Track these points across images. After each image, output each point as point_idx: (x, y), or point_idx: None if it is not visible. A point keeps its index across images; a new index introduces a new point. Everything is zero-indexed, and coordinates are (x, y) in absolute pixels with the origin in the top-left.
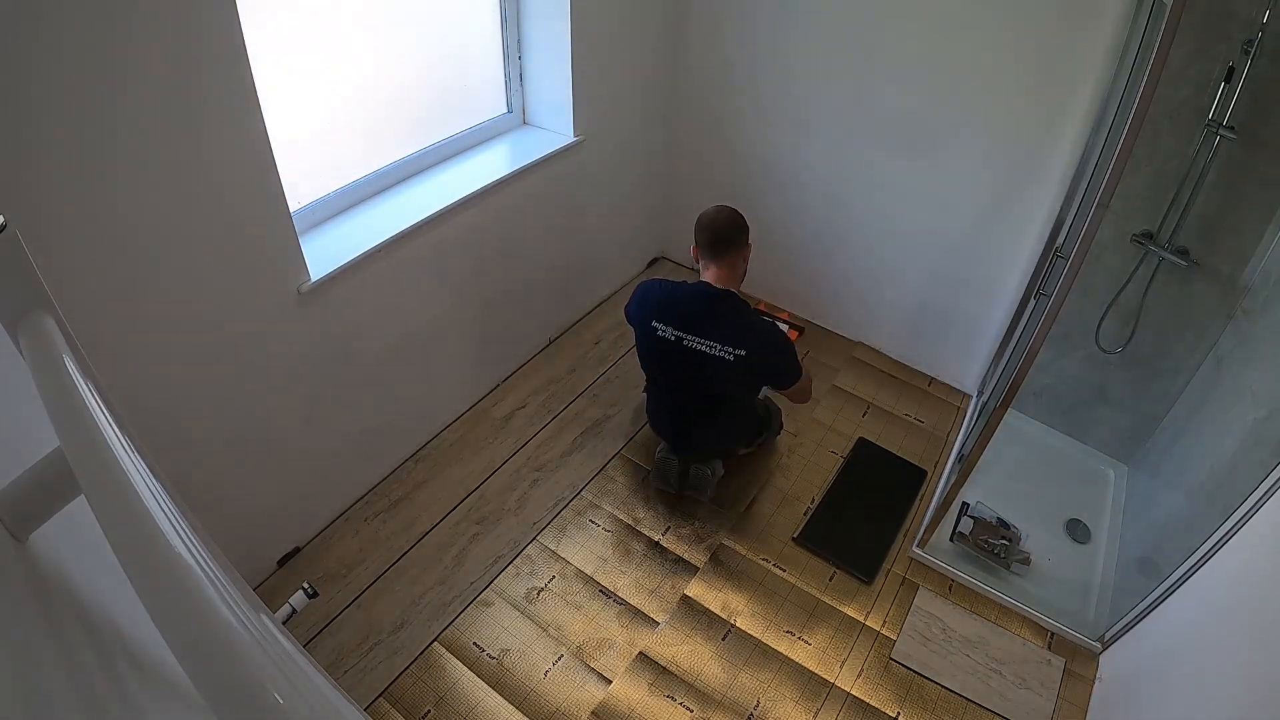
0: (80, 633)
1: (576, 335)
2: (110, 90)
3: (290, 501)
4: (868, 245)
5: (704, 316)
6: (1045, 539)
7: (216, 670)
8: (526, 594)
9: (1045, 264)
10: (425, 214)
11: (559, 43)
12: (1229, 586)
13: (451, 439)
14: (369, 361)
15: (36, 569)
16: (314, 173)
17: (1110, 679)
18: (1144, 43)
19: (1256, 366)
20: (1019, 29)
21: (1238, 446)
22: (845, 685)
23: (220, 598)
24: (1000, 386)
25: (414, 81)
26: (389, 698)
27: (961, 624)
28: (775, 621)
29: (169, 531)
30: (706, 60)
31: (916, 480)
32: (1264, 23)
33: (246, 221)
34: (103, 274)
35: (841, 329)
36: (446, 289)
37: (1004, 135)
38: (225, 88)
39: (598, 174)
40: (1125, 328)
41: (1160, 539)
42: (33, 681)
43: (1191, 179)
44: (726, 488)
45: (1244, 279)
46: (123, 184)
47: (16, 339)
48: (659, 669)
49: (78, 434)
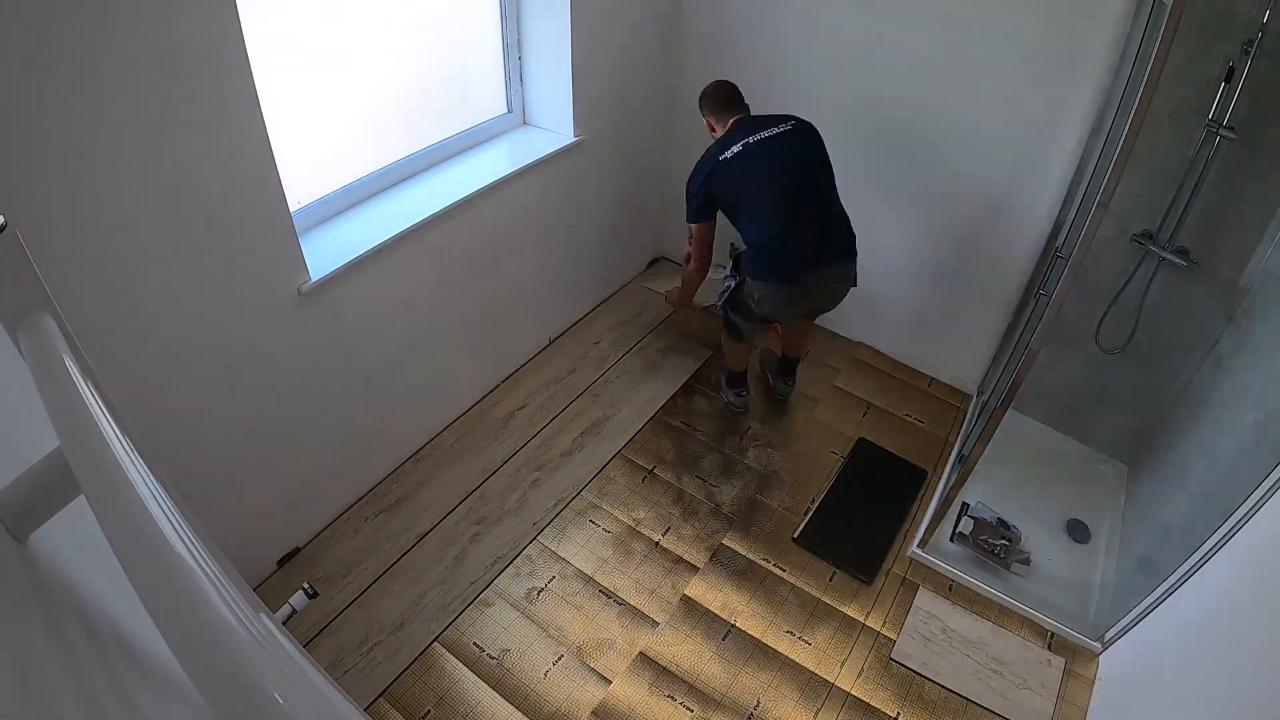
0: (80, 633)
1: (576, 335)
2: (110, 90)
3: (290, 501)
4: (868, 245)
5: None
6: (1045, 539)
7: (216, 670)
8: (527, 594)
9: (1045, 264)
10: (425, 214)
11: (559, 43)
12: (1229, 586)
13: (451, 439)
14: (369, 361)
15: (36, 569)
16: (314, 173)
17: (1110, 679)
18: (1144, 43)
19: (1256, 366)
20: (1019, 29)
21: (1238, 446)
22: (845, 685)
23: (220, 598)
24: (1000, 386)
25: (414, 81)
26: (389, 698)
27: (962, 624)
28: (775, 622)
29: (169, 531)
30: (706, 60)
31: (916, 480)
32: (1264, 23)
33: (246, 221)
34: (102, 274)
35: (842, 329)
36: (446, 289)
37: (1004, 135)
38: (225, 87)
39: (598, 174)
40: (1125, 328)
41: (1160, 539)
42: (33, 681)
43: (1191, 179)
44: (728, 481)
45: (1244, 279)
46: (122, 184)
47: (16, 339)
48: (659, 669)
49: (78, 434)
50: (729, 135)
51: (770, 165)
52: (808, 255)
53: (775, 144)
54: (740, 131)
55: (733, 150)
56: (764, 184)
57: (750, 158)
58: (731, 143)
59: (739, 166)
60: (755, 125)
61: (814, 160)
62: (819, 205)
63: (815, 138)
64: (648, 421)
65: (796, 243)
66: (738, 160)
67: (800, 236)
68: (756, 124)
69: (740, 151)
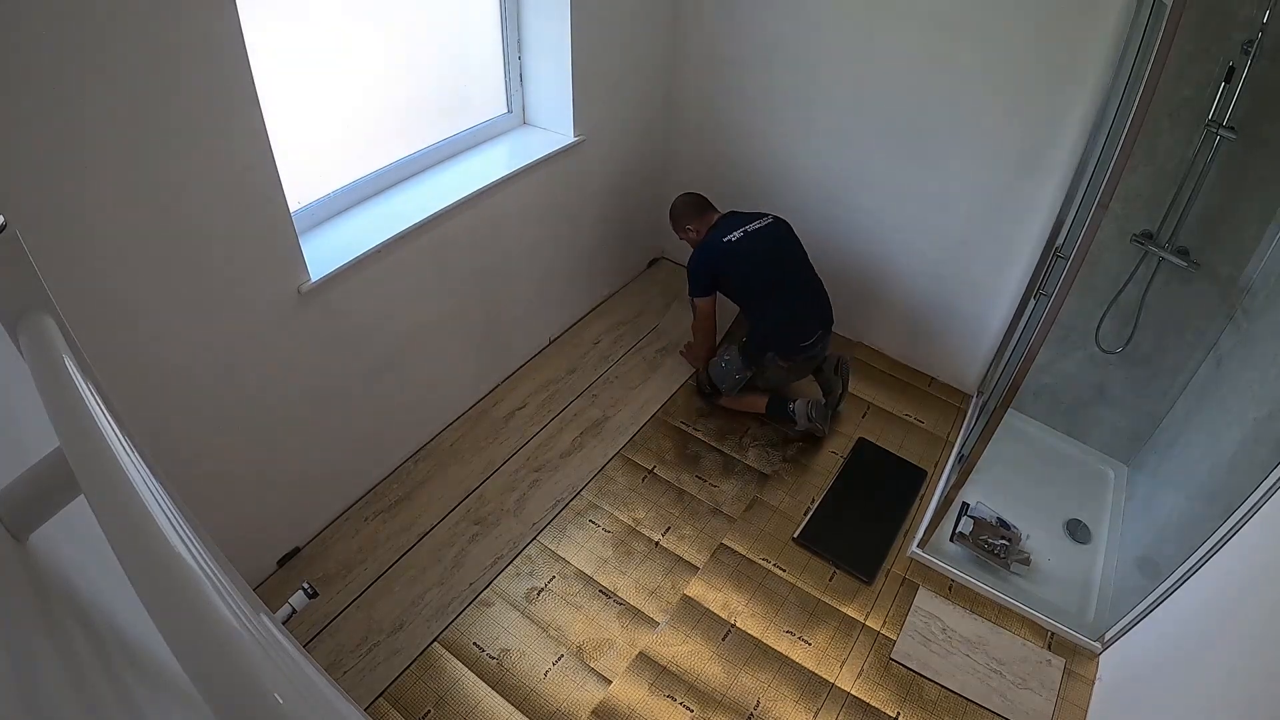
0: (80, 633)
1: (576, 335)
2: (110, 90)
3: (290, 501)
4: (868, 245)
5: (742, 217)
6: (1045, 539)
7: (216, 670)
8: (526, 594)
9: (1045, 264)
10: (425, 214)
11: (559, 43)
12: (1229, 586)
13: (451, 439)
14: (369, 361)
15: (36, 569)
16: (314, 173)
17: (1110, 679)
18: (1144, 43)
19: (1256, 366)
20: (1019, 29)
21: (1237, 446)
22: (845, 685)
23: (220, 598)
24: (1000, 386)
25: (414, 81)
26: (389, 698)
27: (961, 624)
28: (775, 621)
29: (169, 531)
30: (707, 60)
31: (916, 480)
32: (1264, 23)
33: (246, 221)
34: (102, 274)
35: (842, 329)
36: (446, 289)
37: (1004, 135)
38: (226, 87)
39: (598, 174)
40: (1125, 328)
41: (1160, 539)
42: (33, 681)
43: (1191, 179)
44: (728, 481)
45: (1244, 279)
46: (123, 184)
47: (16, 339)
48: (659, 669)
49: (78, 434)
50: (720, 226)
51: (770, 250)
52: (812, 329)
53: (767, 233)
54: (730, 223)
55: (734, 236)
56: (769, 266)
57: (752, 242)
58: (729, 230)
59: (744, 250)
60: (742, 219)
61: (799, 246)
62: (813, 283)
63: (791, 229)
64: (647, 421)
65: (804, 319)
66: (742, 244)
67: (806, 312)
68: (742, 218)
69: (742, 237)
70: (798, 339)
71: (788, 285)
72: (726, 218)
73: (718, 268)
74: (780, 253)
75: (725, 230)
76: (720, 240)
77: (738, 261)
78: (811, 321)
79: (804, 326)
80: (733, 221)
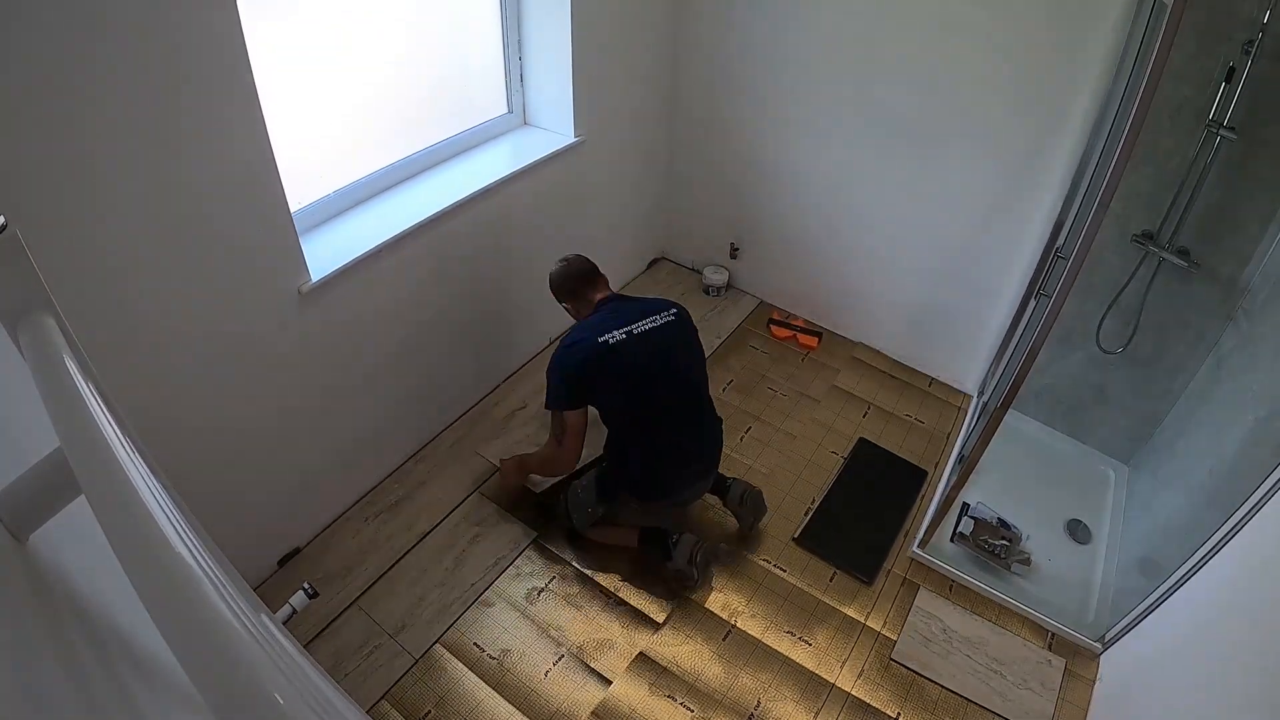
0: (80, 633)
1: None
2: (110, 90)
3: (290, 501)
4: (869, 245)
5: (632, 307)
6: (1045, 539)
7: (216, 670)
8: (527, 594)
9: (1045, 264)
10: (425, 214)
11: (559, 43)
12: (1229, 586)
13: (451, 439)
14: (369, 361)
15: (36, 569)
16: (314, 173)
17: (1110, 679)
18: (1144, 43)
19: (1257, 366)
20: (1020, 29)
21: (1238, 446)
22: (845, 686)
23: (220, 598)
24: (1000, 387)
25: (414, 82)
26: (390, 699)
27: (962, 624)
28: (776, 622)
29: (169, 531)
30: (707, 60)
31: (917, 480)
32: (1264, 23)
33: (247, 222)
34: (102, 274)
35: (842, 329)
36: (447, 289)
37: (1004, 135)
38: (226, 88)
39: (598, 174)
40: (1125, 328)
41: (1160, 539)
42: (33, 681)
43: (1192, 179)
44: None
45: (1244, 279)
46: (123, 184)
47: (16, 339)
48: (659, 669)
49: (78, 434)
50: (601, 316)
51: (651, 367)
52: (687, 480)
53: (657, 338)
54: (615, 316)
55: (615, 337)
56: (645, 388)
57: (634, 350)
58: (609, 327)
59: (622, 361)
60: (632, 312)
61: (697, 356)
62: (703, 414)
63: (693, 327)
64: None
65: (677, 469)
66: (623, 350)
67: (681, 461)
68: (632, 310)
69: (624, 340)
70: (662, 492)
71: (665, 424)
72: (613, 303)
73: (586, 373)
74: (667, 373)
75: (606, 325)
76: (594, 341)
77: (609, 375)
78: (688, 473)
79: (675, 477)
80: (620, 313)
